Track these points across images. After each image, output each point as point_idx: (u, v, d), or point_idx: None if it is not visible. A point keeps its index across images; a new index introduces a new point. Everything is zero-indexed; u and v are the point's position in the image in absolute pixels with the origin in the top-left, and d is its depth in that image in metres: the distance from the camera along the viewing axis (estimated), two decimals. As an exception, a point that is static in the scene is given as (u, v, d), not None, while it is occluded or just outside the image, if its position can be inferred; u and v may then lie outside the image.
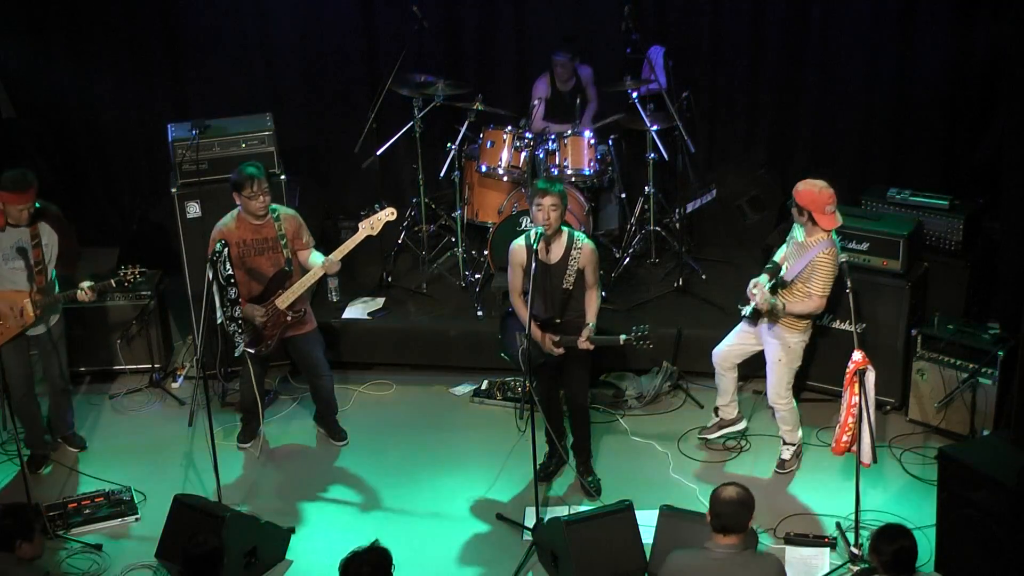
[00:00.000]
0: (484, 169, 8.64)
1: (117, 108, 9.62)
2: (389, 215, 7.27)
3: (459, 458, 7.60)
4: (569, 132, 8.56)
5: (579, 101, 8.96)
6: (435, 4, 9.32)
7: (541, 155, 8.57)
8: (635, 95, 8.59)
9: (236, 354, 7.16)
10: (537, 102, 9.05)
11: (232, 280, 6.96)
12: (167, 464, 7.55)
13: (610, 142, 8.84)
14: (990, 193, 8.26)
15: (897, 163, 9.04)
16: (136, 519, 7.06)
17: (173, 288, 8.82)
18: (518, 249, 6.83)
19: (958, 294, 7.93)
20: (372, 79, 9.39)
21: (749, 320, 7.09)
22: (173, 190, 8.01)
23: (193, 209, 8.01)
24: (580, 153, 8.55)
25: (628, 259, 8.86)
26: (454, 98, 8.75)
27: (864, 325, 7.40)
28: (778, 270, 7.00)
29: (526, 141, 8.57)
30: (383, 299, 8.70)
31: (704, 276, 8.77)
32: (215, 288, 6.84)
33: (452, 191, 8.83)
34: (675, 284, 8.67)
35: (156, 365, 8.45)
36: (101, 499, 7.13)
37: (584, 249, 6.75)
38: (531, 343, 6.61)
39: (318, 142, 9.74)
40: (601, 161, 8.67)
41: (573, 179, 8.54)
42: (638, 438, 7.71)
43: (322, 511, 7.15)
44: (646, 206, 8.92)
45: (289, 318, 7.32)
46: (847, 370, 6.46)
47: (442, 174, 8.86)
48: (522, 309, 6.81)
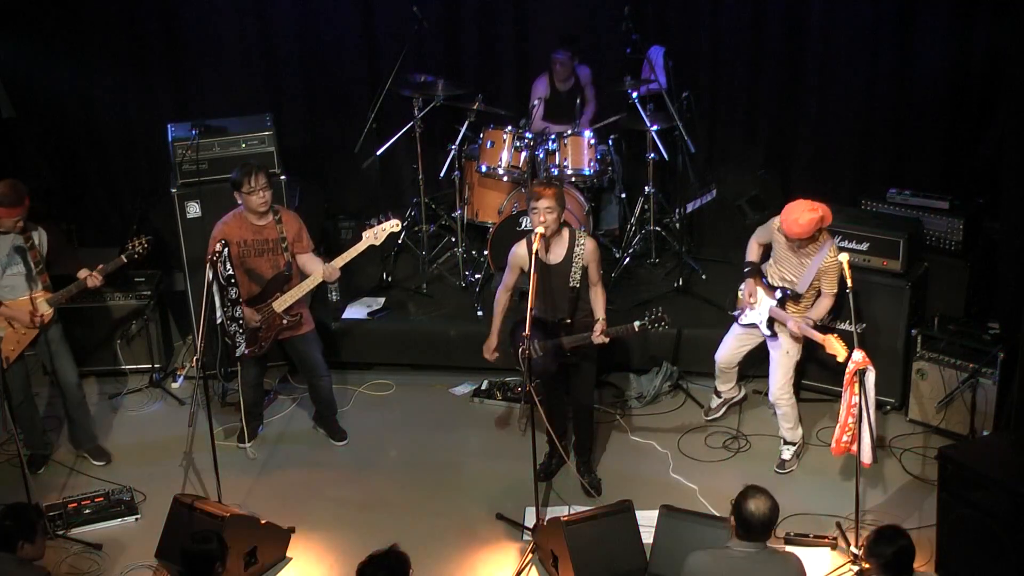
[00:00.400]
0: (484, 169, 8.64)
1: (117, 108, 9.61)
2: (394, 226, 7.26)
3: (459, 458, 7.60)
4: (569, 132, 8.56)
5: (579, 101, 8.96)
6: (435, 4, 9.32)
7: (541, 155, 8.58)
8: (635, 95, 8.59)
9: (237, 354, 7.16)
10: (537, 102, 9.05)
11: (232, 280, 6.96)
12: (167, 464, 7.55)
13: (610, 142, 8.84)
14: (990, 193, 8.26)
15: (897, 163, 9.04)
16: (136, 519, 7.07)
17: (173, 288, 8.84)
18: (520, 252, 6.83)
19: (958, 294, 7.93)
20: (372, 79, 9.39)
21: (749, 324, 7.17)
22: (173, 190, 8.02)
23: (193, 209, 8.01)
24: (580, 153, 8.55)
25: (628, 259, 8.86)
26: (454, 98, 8.75)
27: (864, 325, 7.40)
28: (757, 271, 7.06)
29: (526, 141, 8.57)
30: (383, 299, 8.70)
31: (704, 276, 8.77)
32: (215, 288, 6.84)
33: (452, 191, 8.83)
34: (675, 284, 8.67)
35: (156, 365, 8.45)
36: (101, 499, 7.12)
37: (587, 246, 6.75)
38: (532, 348, 6.59)
39: (318, 142, 9.73)
40: (601, 161, 8.67)
41: (573, 179, 8.54)
42: (638, 438, 7.71)
43: (322, 511, 7.15)
44: (646, 206, 8.92)
45: (285, 321, 7.32)
46: (847, 370, 6.46)
47: (442, 174, 8.86)
48: (502, 305, 6.95)
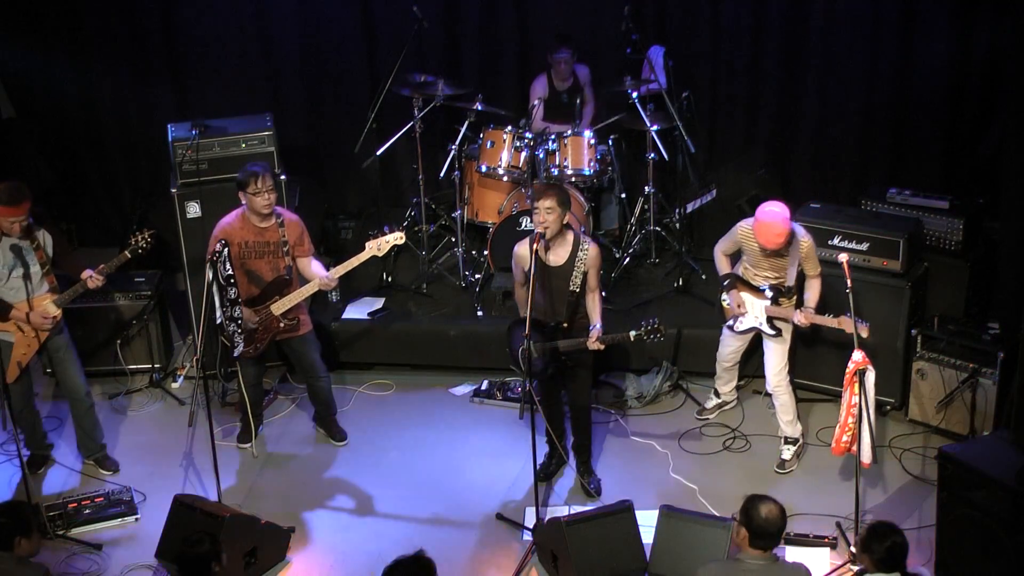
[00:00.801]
0: (484, 169, 8.64)
1: (117, 108, 9.62)
2: (397, 239, 7.26)
3: (459, 458, 7.60)
4: (569, 132, 8.56)
5: (578, 101, 8.95)
6: (435, 4, 9.32)
7: (541, 155, 8.57)
8: (635, 95, 8.59)
9: (235, 354, 7.16)
10: (537, 102, 9.05)
11: (232, 280, 6.96)
12: (167, 464, 7.55)
13: (610, 142, 8.84)
14: (990, 193, 8.26)
15: (897, 163, 9.04)
16: (136, 519, 7.06)
17: (173, 288, 8.84)
18: (520, 252, 6.84)
19: (958, 294, 7.92)
20: (372, 79, 9.39)
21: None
22: (173, 190, 8.01)
23: (193, 209, 8.01)
24: (580, 153, 8.54)
25: (628, 259, 8.86)
26: (454, 98, 8.75)
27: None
28: (736, 279, 7.11)
29: (526, 141, 8.57)
30: (383, 299, 8.70)
31: (704, 276, 8.76)
32: (215, 288, 6.84)
33: (452, 191, 8.83)
34: (675, 284, 8.67)
35: (156, 365, 8.45)
36: (101, 499, 7.12)
37: (590, 252, 6.76)
38: (531, 346, 6.59)
39: (318, 142, 9.74)
40: (601, 161, 8.67)
41: (573, 179, 8.54)
42: (638, 438, 7.71)
43: (322, 511, 7.15)
44: (646, 206, 8.92)
45: (282, 324, 7.32)
46: (847, 370, 6.46)
47: (442, 174, 8.86)
48: (524, 300, 6.87)
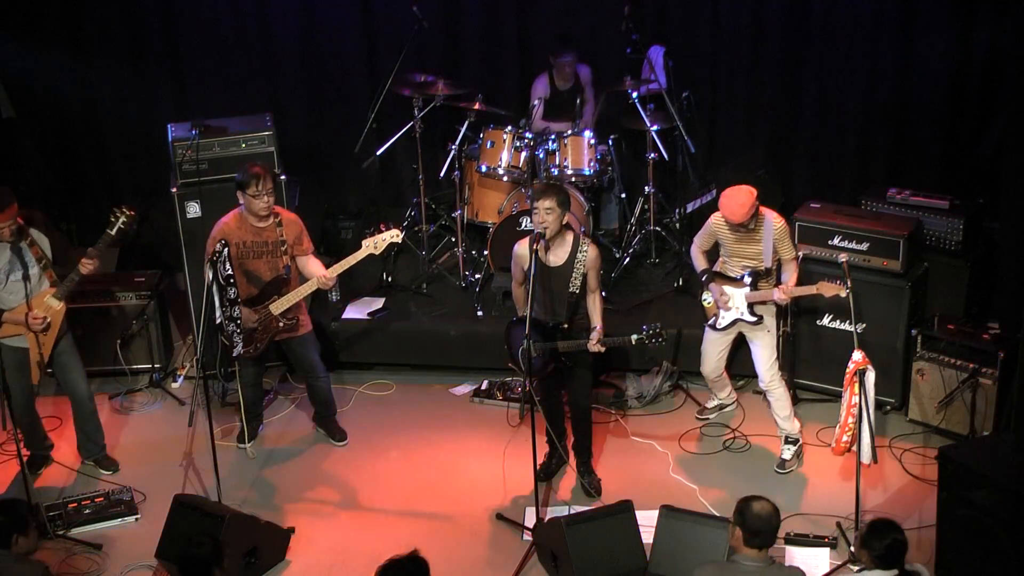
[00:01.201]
0: (484, 169, 8.64)
1: (117, 108, 9.62)
2: (394, 236, 7.26)
3: (459, 458, 7.60)
4: (569, 132, 8.56)
5: (578, 101, 8.95)
6: (435, 4, 9.32)
7: (541, 155, 8.57)
8: (635, 95, 8.59)
9: (235, 354, 7.16)
10: (537, 102, 9.04)
11: (232, 280, 6.95)
12: (167, 464, 7.55)
13: (610, 142, 8.84)
14: (990, 193, 8.26)
15: (897, 163, 9.04)
16: (136, 519, 7.07)
17: (173, 288, 8.83)
18: (520, 252, 6.84)
19: (958, 294, 7.92)
20: (372, 79, 9.39)
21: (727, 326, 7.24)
22: (173, 190, 8.01)
23: (193, 209, 8.01)
24: (580, 153, 8.54)
25: (628, 259, 8.86)
26: (454, 98, 8.75)
27: (864, 325, 7.40)
28: (715, 274, 7.13)
29: (526, 141, 8.57)
30: (383, 299, 8.70)
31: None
32: (215, 288, 6.84)
33: (452, 191, 8.83)
34: (675, 284, 8.66)
35: (156, 365, 8.45)
36: (101, 499, 7.12)
37: (590, 253, 6.75)
38: (531, 345, 6.59)
39: (318, 142, 9.73)
40: (601, 161, 8.67)
41: (573, 179, 8.54)
42: (638, 438, 7.71)
43: (322, 511, 7.15)
44: (646, 206, 8.92)
45: (281, 324, 7.31)
46: (847, 370, 6.46)
47: (442, 174, 8.86)
48: (522, 299, 6.91)
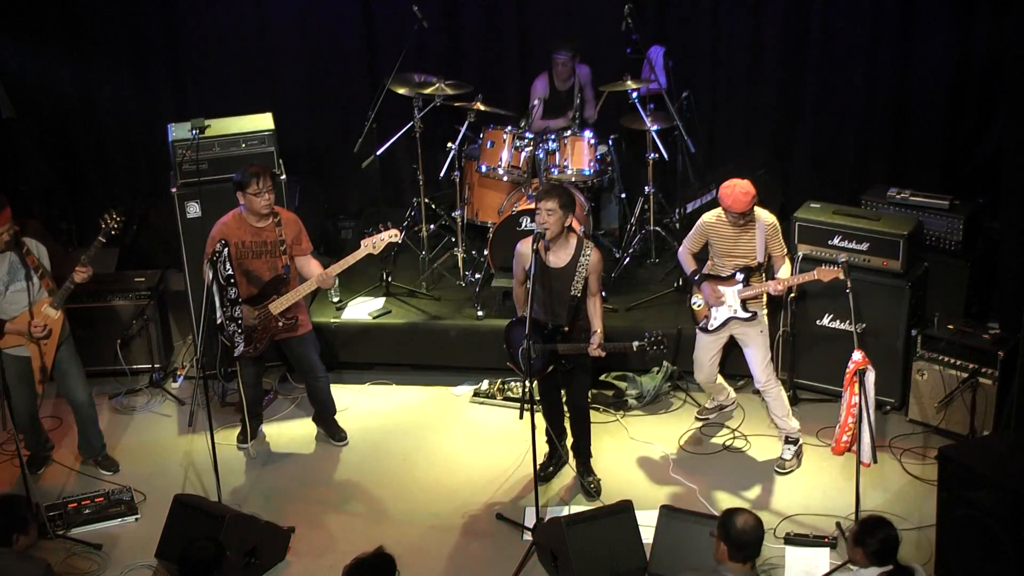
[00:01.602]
0: (484, 169, 8.64)
1: (117, 108, 9.62)
2: (392, 236, 7.26)
3: (459, 458, 7.60)
4: (569, 132, 8.57)
5: (578, 101, 8.95)
6: (435, 4, 9.32)
7: (541, 155, 8.58)
8: (635, 95, 8.59)
9: (236, 354, 7.16)
10: (537, 102, 9.05)
11: (232, 280, 6.96)
12: (167, 464, 7.55)
13: (610, 142, 8.84)
14: (990, 193, 8.26)
15: (897, 163, 9.04)
16: (136, 519, 7.07)
17: (173, 288, 8.83)
18: (522, 251, 6.84)
19: (958, 294, 7.93)
20: (372, 79, 9.39)
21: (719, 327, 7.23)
22: (173, 190, 8.01)
23: (193, 209, 8.01)
24: (580, 153, 8.54)
25: (628, 259, 8.86)
26: (454, 98, 8.75)
27: (864, 325, 7.40)
28: (706, 275, 7.15)
29: (526, 141, 8.57)
30: (383, 299, 8.70)
31: (704, 276, 8.77)
32: (215, 288, 6.84)
33: (452, 191, 8.83)
34: (675, 284, 8.66)
35: (156, 365, 8.45)
36: (101, 499, 7.12)
37: (592, 257, 6.75)
38: (531, 346, 6.59)
39: (318, 142, 9.73)
40: (601, 161, 8.67)
41: (573, 179, 8.54)
42: (638, 438, 7.71)
43: (322, 511, 7.15)
44: (646, 206, 8.92)
45: (280, 323, 7.32)
46: (847, 370, 6.47)
47: (442, 174, 8.86)
48: (523, 299, 6.91)
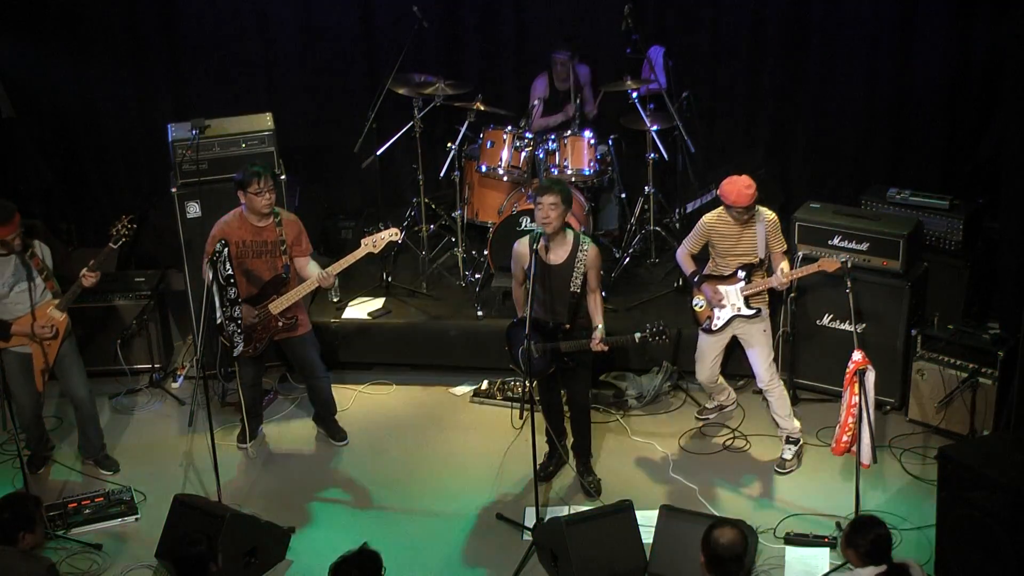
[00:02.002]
0: (484, 169, 8.64)
1: (117, 108, 9.61)
2: (392, 235, 7.27)
3: (459, 458, 7.60)
4: (569, 132, 8.57)
5: (578, 101, 8.95)
6: (435, 4, 9.32)
7: (541, 155, 8.58)
8: (635, 95, 8.59)
9: (235, 354, 7.16)
10: (537, 102, 9.05)
11: (232, 280, 6.96)
12: (167, 464, 7.55)
13: (610, 142, 8.84)
14: (990, 193, 8.26)
15: (897, 163, 9.04)
16: (136, 519, 7.07)
17: (173, 288, 8.83)
18: (520, 250, 6.84)
19: (958, 294, 7.93)
20: (372, 79, 9.39)
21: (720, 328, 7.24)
22: (173, 190, 8.01)
23: (193, 209, 8.01)
24: (580, 153, 8.54)
25: (628, 259, 8.86)
26: (454, 98, 8.75)
27: (864, 325, 7.40)
28: (706, 276, 7.19)
29: (526, 141, 8.57)
30: (383, 299, 8.70)
31: (704, 276, 8.77)
32: (215, 288, 6.84)
33: (452, 191, 8.83)
34: (675, 284, 8.66)
35: (156, 365, 8.45)
36: (101, 499, 7.13)
37: (590, 252, 6.76)
38: (531, 346, 6.59)
39: (318, 142, 9.73)
40: (601, 161, 8.67)
41: (573, 179, 8.54)
42: (638, 438, 7.71)
43: (322, 511, 7.15)
44: (646, 206, 8.92)
45: (280, 323, 7.32)
46: (847, 370, 6.46)
47: (442, 174, 8.86)
48: (522, 300, 6.91)
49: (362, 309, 8.60)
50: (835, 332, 7.68)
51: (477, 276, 8.73)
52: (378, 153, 8.81)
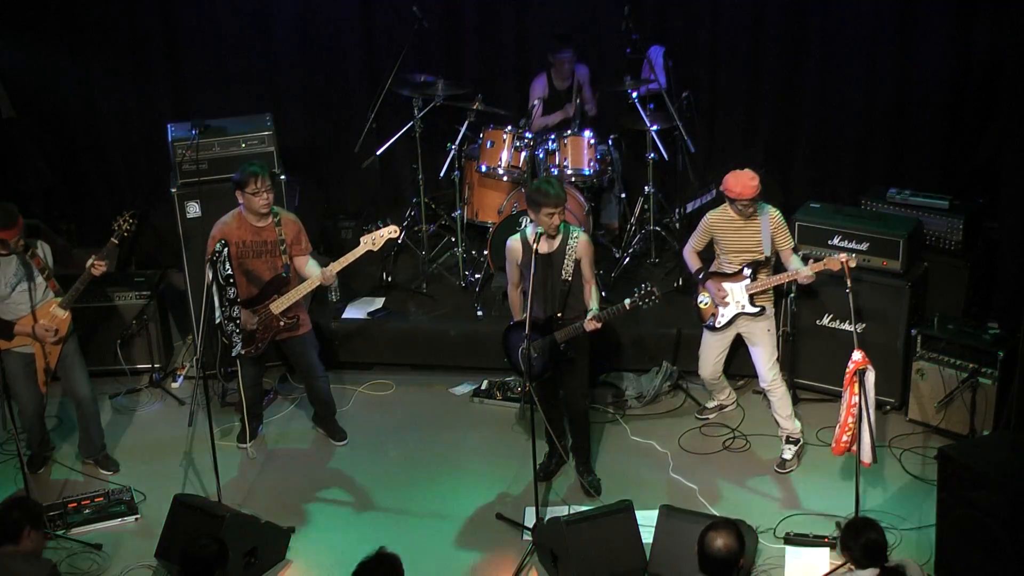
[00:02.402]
0: (484, 169, 8.64)
1: (117, 108, 9.61)
2: (392, 233, 7.27)
3: (459, 458, 7.60)
4: (569, 132, 8.57)
5: (577, 101, 8.96)
6: (435, 4, 9.32)
7: (541, 155, 8.58)
8: (635, 95, 8.59)
9: (233, 353, 7.16)
10: (536, 102, 9.05)
11: (231, 280, 6.96)
12: (167, 464, 7.55)
13: (610, 142, 8.84)
14: (990, 193, 8.25)
15: (897, 163, 9.03)
16: (136, 519, 7.07)
17: (173, 288, 8.83)
18: (514, 246, 6.84)
19: (958, 294, 7.92)
20: (372, 79, 9.39)
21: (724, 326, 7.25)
22: (173, 190, 8.02)
23: (193, 209, 8.01)
24: (580, 153, 8.55)
25: (628, 259, 8.86)
26: (454, 98, 8.75)
27: (864, 325, 7.40)
28: (710, 273, 7.19)
29: (526, 141, 8.57)
30: (383, 299, 8.70)
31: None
32: (215, 288, 6.84)
33: (452, 191, 8.83)
34: (675, 284, 8.66)
35: (156, 365, 8.45)
36: (101, 499, 7.13)
37: (580, 240, 6.77)
38: (531, 346, 6.59)
39: (318, 142, 9.73)
40: (601, 161, 8.67)
41: (573, 179, 8.54)
42: (638, 438, 7.71)
43: (322, 511, 7.15)
44: (646, 206, 8.92)
45: (282, 323, 7.32)
46: (847, 370, 6.46)
47: (442, 174, 8.86)
48: (518, 303, 6.90)
49: (362, 309, 8.60)
50: (835, 332, 7.68)
51: (477, 276, 8.73)
52: (378, 153, 8.81)
